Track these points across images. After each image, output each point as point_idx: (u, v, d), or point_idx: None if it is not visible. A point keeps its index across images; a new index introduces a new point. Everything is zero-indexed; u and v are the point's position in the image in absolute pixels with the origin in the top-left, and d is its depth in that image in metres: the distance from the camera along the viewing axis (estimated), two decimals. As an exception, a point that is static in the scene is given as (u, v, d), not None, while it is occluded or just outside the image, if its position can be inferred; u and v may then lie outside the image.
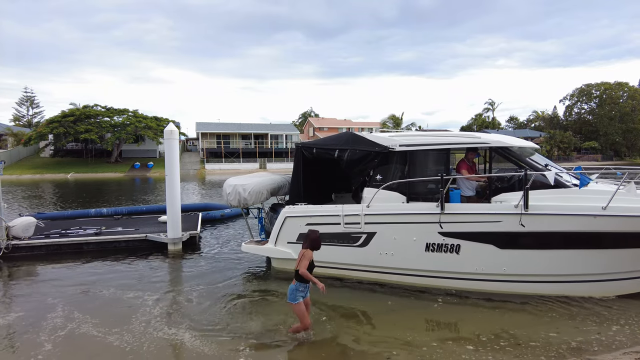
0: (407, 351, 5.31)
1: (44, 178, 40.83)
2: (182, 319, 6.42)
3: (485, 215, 6.85)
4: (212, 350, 5.37)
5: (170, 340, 5.67)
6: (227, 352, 5.31)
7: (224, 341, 5.61)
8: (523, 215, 6.52)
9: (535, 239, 6.61)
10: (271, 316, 6.50)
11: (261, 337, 5.74)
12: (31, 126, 65.31)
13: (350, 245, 7.84)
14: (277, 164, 52.57)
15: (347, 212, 7.81)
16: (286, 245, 8.43)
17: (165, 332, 5.92)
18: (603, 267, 6.61)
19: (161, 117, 51.18)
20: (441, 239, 7.15)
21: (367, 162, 7.93)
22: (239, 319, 6.43)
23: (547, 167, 7.10)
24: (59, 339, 5.75)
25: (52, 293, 7.59)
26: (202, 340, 5.62)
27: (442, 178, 6.87)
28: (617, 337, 5.51)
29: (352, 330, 6.00)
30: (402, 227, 7.42)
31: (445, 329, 6.07)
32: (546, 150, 67.99)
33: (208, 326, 6.11)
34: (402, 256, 7.50)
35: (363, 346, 5.51)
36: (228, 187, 8.85)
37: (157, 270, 9.10)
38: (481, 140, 7.46)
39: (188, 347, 5.48)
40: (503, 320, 6.16)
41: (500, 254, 6.85)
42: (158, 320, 6.34)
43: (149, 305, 6.94)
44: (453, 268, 7.18)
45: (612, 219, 6.24)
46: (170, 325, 6.16)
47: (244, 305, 7.07)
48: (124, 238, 10.94)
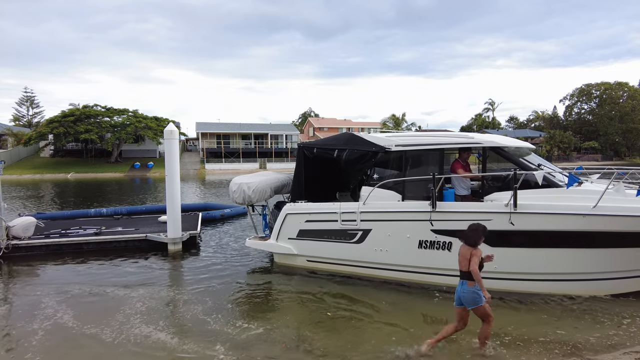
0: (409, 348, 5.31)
1: (44, 178, 40.85)
2: (181, 319, 6.45)
3: (476, 213, 6.98)
4: (212, 350, 5.37)
5: (170, 340, 5.68)
6: (227, 353, 5.31)
7: (224, 342, 5.61)
8: (512, 214, 6.64)
9: (524, 238, 6.72)
10: (271, 316, 6.53)
11: (262, 337, 5.73)
12: (31, 126, 65.35)
13: (347, 241, 8.09)
14: (277, 164, 52.58)
15: (344, 209, 8.07)
16: (287, 241, 8.78)
17: (164, 332, 5.94)
18: (593, 266, 6.67)
19: (161, 117, 51.23)
20: (433, 237, 7.32)
21: (364, 162, 8.20)
22: (239, 319, 6.44)
23: (540, 167, 7.18)
24: (58, 339, 5.78)
25: (51, 293, 7.61)
26: (202, 341, 5.64)
27: (434, 177, 7.05)
28: (617, 337, 5.48)
29: (351, 326, 6.05)
30: (396, 225, 7.62)
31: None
32: (546, 150, 68.00)
33: (208, 326, 6.11)
34: (396, 253, 7.70)
35: (363, 343, 5.53)
36: (234, 185, 9.28)
37: (156, 270, 9.12)
38: (474, 140, 7.59)
39: (188, 347, 5.49)
40: (502, 319, 6.15)
41: (491, 251, 6.86)
42: (158, 320, 6.36)
43: (149, 305, 6.96)
44: (445, 265, 7.31)
45: (600, 219, 6.29)
46: (169, 325, 6.19)
47: (244, 305, 7.10)
48: (124, 238, 10.95)
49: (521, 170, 6.85)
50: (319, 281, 8.07)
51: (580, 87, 77.11)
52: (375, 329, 6.00)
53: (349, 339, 5.65)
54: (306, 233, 8.54)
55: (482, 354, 5.05)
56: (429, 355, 5.01)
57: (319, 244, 8.44)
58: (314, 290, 7.57)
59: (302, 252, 8.69)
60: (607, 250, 6.51)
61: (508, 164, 7.40)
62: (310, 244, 8.55)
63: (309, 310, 6.73)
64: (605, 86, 73.95)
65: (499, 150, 7.42)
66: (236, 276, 8.59)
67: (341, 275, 8.29)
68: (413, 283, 7.65)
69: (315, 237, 8.46)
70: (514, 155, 7.45)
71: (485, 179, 7.57)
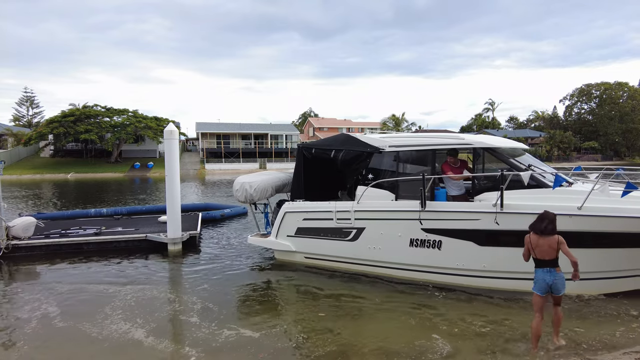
0: (408, 346, 5.38)
1: (44, 178, 40.88)
2: (181, 319, 6.46)
3: (465, 213, 7.18)
4: (211, 350, 5.37)
5: (169, 341, 5.69)
6: (226, 353, 5.31)
7: (223, 342, 5.61)
8: (498, 213, 6.78)
9: (510, 237, 6.81)
10: (272, 316, 6.55)
11: (262, 338, 5.72)
12: (31, 126, 65.36)
13: (342, 239, 8.34)
14: (277, 164, 52.55)
15: (339, 208, 8.32)
16: (286, 238, 9.08)
17: (163, 332, 5.96)
18: (580, 266, 6.66)
19: (161, 117, 51.22)
20: (424, 235, 7.51)
21: (360, 162, 8.47)
22: (239, 319, 6.47)
23: (530, 168, 7.27)
24: (59, 339, 5.82)
25: (51, 293, 7.65)
26: (202, 341, 5.65)
27: (424, 177, 7.24)
28: (617, 337, 5.49)
29: (350, 324, 6.11)
30: (388, 223, 7.85)
31: (444, 324, 6.09)
32: (546, 151, 67.99)
33: (207, 327, 6.11)
34: (388, 250, 7.92)
35: (364, 341, 5.58)
36: (237, 184, 9.62)
37: (156, 270, 9.14)
38: (465, 141, 7.75)
39: (188, 347, 5.48)
40: (502, 319, 6.16)
41: (479, 250, 7.13)
42: (157, 320, 6.39)
43: (149, 305, 6.99)
44: (436, 263, 7.53)
45: (584, 219, 6.34)
46: (168, 325, 6.21)
47: (242, 306, 7.13)
48: (123, 238, 10.97)
49: (511, 170, 6.99)
50: (318, 281, 8.13)
51: (580, 87, 77.12)
52: (372, 327, 6.05)
53: (347, 338, 5.70)
54: (304, 231, 8.82)
55: (558, 345, 5.15)
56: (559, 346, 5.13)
57: (316, 242, 8.70)
58: (312, 291, 7.65)
59: (300, 249, 8.95)
60: (594, 250, 6.55)
61: (504, 165, 7.49)
62: (307, 241, 8.81)
63: (305, 312, 6.73)
64: (605, 86, 73.93)
65: (488, 151, 7.58)
66: (236, 277, 8.62)
67: (338, 272, 8.50)
68: (405, 280, 7.84)
69: (312, 234, 8.72)
70: (506, 155, 7.58)
71: (478, 179, 7.76)
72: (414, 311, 6.58)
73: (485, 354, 5.17)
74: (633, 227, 6.22)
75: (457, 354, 5.19)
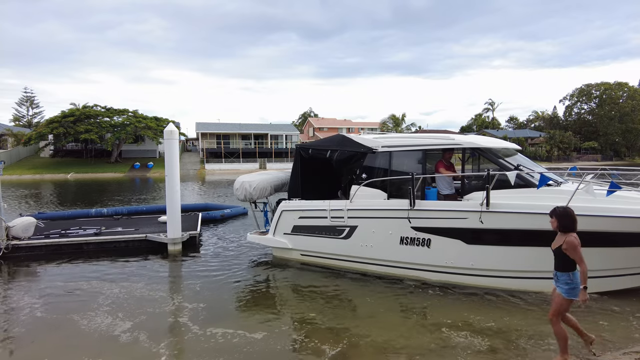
0: (406, 349, 5.38)
1: (44, 178, 40.90)
2: (181, 319, 6.46)
3: (452, 212, 7.33)
4: (211, 350, 5.39)
5: (169, 341, 5.70)
6: (226, 353, 5.32)
7: (223, 342, 5.63)
8: (483, 212, 6.92)
9: (494, 236, 6.97)
10: (271, 316, 6.57)
11: (261, 338, 5.72)
12: (31, 126, 65.40)
13: (336, 237, 8.59)
14: (277, 164, 52.57)
15: (332, 207, 8.53)
16: (282, 236, 9.38)
17: (163, 332, 5.98)
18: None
19: (161, 117, 51.25)
20: (413, 233, 7.69)
21: (354, 162, 8.70)
22: (238, 319, 6.49)
23: (519, 168, 7.37)
24: (58, 339, 5.83)
25: (51, 293, 7.66)
26: (201, 341, 5.67)
27: (413, 177, 7.44)
28: (617, 337, 5.48)
29: (349, 323, 6.14)
30: (380, 222, 8.05)
31: (445, 323, 6.10)
32: (546, 151, 68.02)
33: (206, 327, 6.10)
34: (379, 248, 8.12)
35: (364, 339, 5.61)
36: (237, 183, 9.92)
37: (156, 270, 9.14)
38: (455, 142, 7.91)
39: (187, 347, 5.49)
40: (502, 319, 6.17)
41: (467, 248, 7.27)
42: (157, 320, 6.41)
43: (149, 305, 6.99)
44: (425, 261, 7.70)
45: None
46: (167, 326, 6.24)
47: (241, 307, 7.15)
48: (123, 238, 10.96)
49: (499, 170, 7.11)
50: (317, 280, 8.17)
51: (580, 87, 77.24)
52: (371, 326, 6.07)
53: (347, 335, 5.75)
54: (299, 229, 9.06)
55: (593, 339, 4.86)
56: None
57: (311, 239, 8.93)
58: (310, 290, 7.72)
59: (296, 246, 9.19)
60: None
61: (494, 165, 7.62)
62: (303, 239, 9.05)
63: (304, 312, 6.71)
64: (605, 86, 73.97)
65: (478, 151, 7.75)
66: (235, 277, 8.63)
67: (333, 269, 8.72)
68: (396, 277, 8.00)
69: (307, 232, 8.96)
70: (495, 156, 7.70)
71: (467, 179, 7.87)
72: (412, 310, 6.62)
73: (485, 353, 5.19)
74: (615, 227, 6.31)
75: (455, 351, 5.24)
